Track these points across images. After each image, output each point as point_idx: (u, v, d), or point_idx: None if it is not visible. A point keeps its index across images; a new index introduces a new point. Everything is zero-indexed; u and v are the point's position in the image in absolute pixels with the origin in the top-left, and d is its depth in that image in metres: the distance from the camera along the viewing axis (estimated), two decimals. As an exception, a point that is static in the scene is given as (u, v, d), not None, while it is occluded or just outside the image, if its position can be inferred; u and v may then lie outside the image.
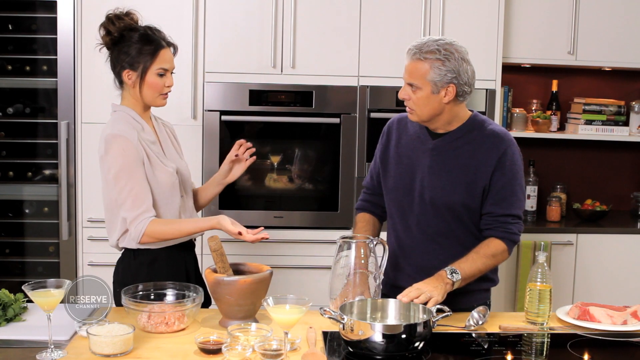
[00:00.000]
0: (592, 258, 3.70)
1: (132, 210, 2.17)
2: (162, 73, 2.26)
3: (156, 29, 2.29)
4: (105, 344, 1.78)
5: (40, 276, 3.45)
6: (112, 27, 2.23)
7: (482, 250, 2.16)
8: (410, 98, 2.16)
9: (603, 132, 3.92)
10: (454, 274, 2.08)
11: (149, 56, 2.23)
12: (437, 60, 2.09)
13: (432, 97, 2.13)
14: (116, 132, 2.19)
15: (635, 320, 2.11)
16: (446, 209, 2.19)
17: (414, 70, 2.13)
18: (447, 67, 2.10)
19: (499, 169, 2.17)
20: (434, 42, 2.12)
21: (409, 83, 2.15)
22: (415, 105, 2.16)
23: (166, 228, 2.19)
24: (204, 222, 2.21)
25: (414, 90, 2.14)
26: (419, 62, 2.11)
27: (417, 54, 2.12)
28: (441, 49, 2.10)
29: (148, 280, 2.13)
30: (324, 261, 3.41)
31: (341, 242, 2.14)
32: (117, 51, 2.26)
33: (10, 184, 3.55)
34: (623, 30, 3.79)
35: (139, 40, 2.24)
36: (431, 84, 2.11)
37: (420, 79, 2.12)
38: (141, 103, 2.29)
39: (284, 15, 3.42)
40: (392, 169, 2.30)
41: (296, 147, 3.55)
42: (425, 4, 3.47)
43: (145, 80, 2.25)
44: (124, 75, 2.26)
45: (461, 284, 2.10)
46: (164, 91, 2.29)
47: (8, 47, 3.50)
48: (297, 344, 1.87)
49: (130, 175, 2.17)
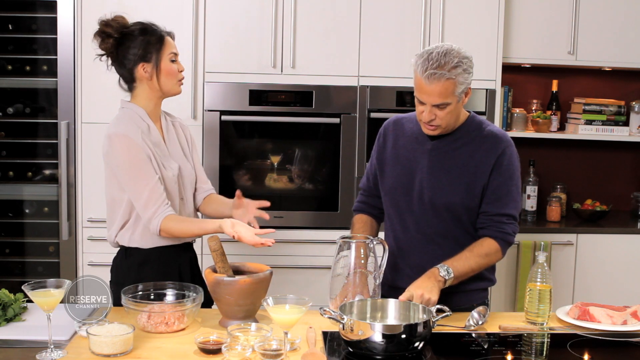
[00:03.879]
0: (592, 258, 3.70)
1: (146, 210, 2.18)
2: (173, 59, 2.29)
3: (148, 22, 2.31)
4: (105, 344, 1.78)
5: (40, 276, 3.45)
6: (109, 29, 2.24)
7: (476, 250, 2.16)
8: (436, 117, 2.12)
9: (603, 132, 3.92)
10: (447, 272, 2.08)
11: (158, 44, 2.26)
12: (463, 72, 2.07)
13: (457, 106, 2.13)
14: (119, 131, 2.19)
15: (635, 320, 2.11)
16: (445, 210, 2.19)
17: (442, 91, 2.06)
18: (467, 73, 2.09)
19: (496, 169, 2.17)
20: (446, 55, 2.05)
21: (435, 105, 2.09)
22: (442, 121, 2.13)
23: (177, 226, 2.20)
24: (209, 224, 2.20)
25: (442, 107, 2.10)
26: (447, 82, 2.05)
27: (443, 75, 2.04)
28: (460, 59, 2.06)
29: (139, 280, 2.13)
30: (324, 261, 3.41)
31: (341, 242, 2.14)
32: (123, 50, 2.25)
33: (10, 184, 3.55)
34: (623, 30, 3.79)
35: (142, 33, 2.25)
36: (458, 96, 2.10)
37: (450, 96, 2.08)
38: (157, 96, 2.30)
39: (284, 15, 3.42)
40: (389, 170, 2.30)
41: (296, 147, 3.55)
42: (426, 4, 3.47)
43: (161, 69, 2.26)
44: (139, 69, 2.25)
45: (453, 282, 2.11)
46: (180, 77, 2.32)
47: (8, 47, 3.50)
48: (297, 344, 1.87)
49: (141, 170, 2.18)
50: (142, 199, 2.18)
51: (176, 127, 2.42)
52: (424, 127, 2.18)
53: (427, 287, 2.04)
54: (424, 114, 2.12)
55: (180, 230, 2.21)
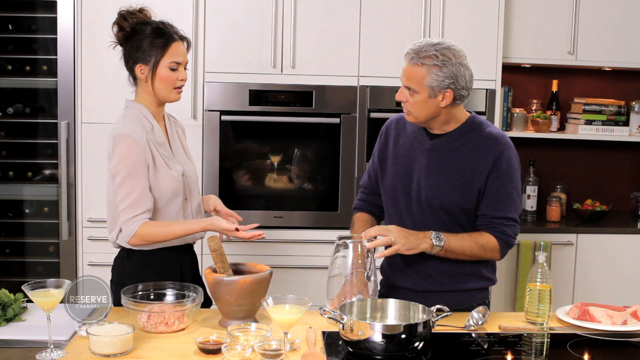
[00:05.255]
0: (592, 258, 3.70)
1: (129, 212, 2.16)
2: (174, 67, 2.24)
3: (169, 23, 2.29)
4: (104, 344, 1.78)
5: (40, 276, 3.46)
6: (125, 22, 2.23)
7: (474, 236, 2.17)
8: (407, 100, 2.15)
9: (603, 132, 3.92)
10: (438, 238, 2.10)
11: (160, 49, 2.23)
12: (434, 66, 2.08)
13: (429, 101, 2.12)
14: (125, 132, 2.18)
15: (635, 320, 2.11)
16: (442, 210, 2.19)
17: (411, 74, 2.11)
18: (444, 73, 2.08)
19: (494, 172, 2.16)
20: (432, 46, 2.09)
21: (406, 86, 2.14)
22: (412, 108, 2.15)
23: (157, 230, 2.18)
24: (195, 224, 2.21)
25: (411, 93, 2.13)
26: (416, 67, 2.10)
27: (414, 58, 2.10)
28: (439, 55, 2.08)
29: (140, 281, 2.12)
30: (324, 261, 3.39)
31: (339, 242, 2.14)
32: (129, 46, 2.25)
33: (10, 184, 3.55)
34: (623, 30, 3.79)
35: (151, 34, 2.23)
36: (428, 88, 2.10)
37: (417, 84, 2.11)
38: (155, 99, 2.28)
39: (284, 15, 3.42)
40: (389, 168, 2.30)
41: (296, 147, 3.55)
42: (425, 4, 3.47)
43: (157, 74, 2.23)
44: (137, 69, 2.25)
45: (440, 252, 2.12)
46: (177, 85, 2.27)
47: (8, 47, 3.50)
48: (297, 344, 1.87)
49: (133, 177, 2.16)
50: (129, 200, 2.16)
51: (177, 126, 2.42)
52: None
53: (404, 234, 2.08)
54: (398, 91, 2.18)
55: (162, 234, 2.18)
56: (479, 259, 2.20)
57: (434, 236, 2.11)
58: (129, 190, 2.16)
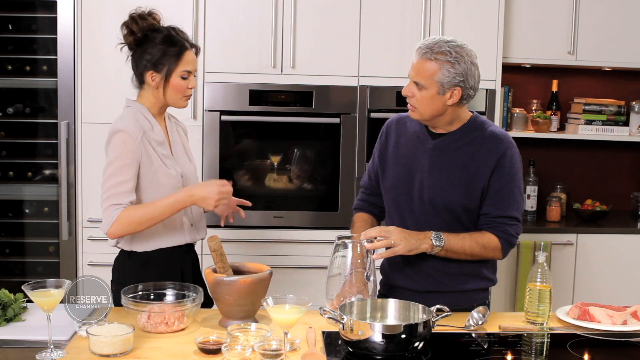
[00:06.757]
0: (592, 258, 3.70)
1: (111, 200, 2.12)
2: (185, 76, 2.24)
3: (179, 29, 2.28)
4: (104, 344, 1.78)
5: (40, 276, 3.46)
6: (135, 26, 2.22)
7: (475, 236, 2.16)
8: (414, 95, 2.14)
9: (603, 132, 3.92)
10: (438, 238, 2.10)
11: (174, 58, 2.22)
12: (447, 62, 2.08)
13: (437, 97, 2.12)
14: (120, 127, 2.18)
15: (635, 320, 2.11)
16: (445, 209, 2.19)
17: (421, 69, 2.11)
18: (456, 70, 2.09)
19: (497, 171, 2.16)
20: (445, 43, 2.10)
21: (415, 81, 2.13)
22: (418, 104, 2.15)
23: (139, 211, 2.13)
24: (179, 193, 2.17)
25: (420, 88, 2.12)
26: (428, 62, 2.10)
27: (427, 53, 2.10)
28: (452, 51, 2.08)
29: (141, 281, 2.11)
30: (323, 261, 3.37)
31: (338, 242, 2.14)
32: (140, 52, 2.24)
33: (10, 184, 3.55)
34: (623, 30, 3.79)
35: (163, 42, 2.22)
36: (438, 84, 2.10)
37: (428, 79, 2.10)
38: (161, 103, 2.28)
39: (284, 15, 3.42)
40: (391, 168, 2.30)
41: (296, 147, 3.55)
42: (425, 4, 3.47)
43: (169, 83, 2.23)
44: (148, 76, 2.24)
45: (440, 252, 2.12)
46: (187, 93, 2.28)
47: (8, 47, 3.50)
48: (297, 344, 1.87)
49: (121, 170, 2.14)
50: (113, 191, 2.12)
51: (178, 127, 2.42)
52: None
53: (404, 235, 2.07)
54: (405, 86, 2.16)
55: (145, 214, 2.12)
56: (481, 258, 2.20)
57: (434, 236, 2.11)
58: (115, 182, 2.14)
